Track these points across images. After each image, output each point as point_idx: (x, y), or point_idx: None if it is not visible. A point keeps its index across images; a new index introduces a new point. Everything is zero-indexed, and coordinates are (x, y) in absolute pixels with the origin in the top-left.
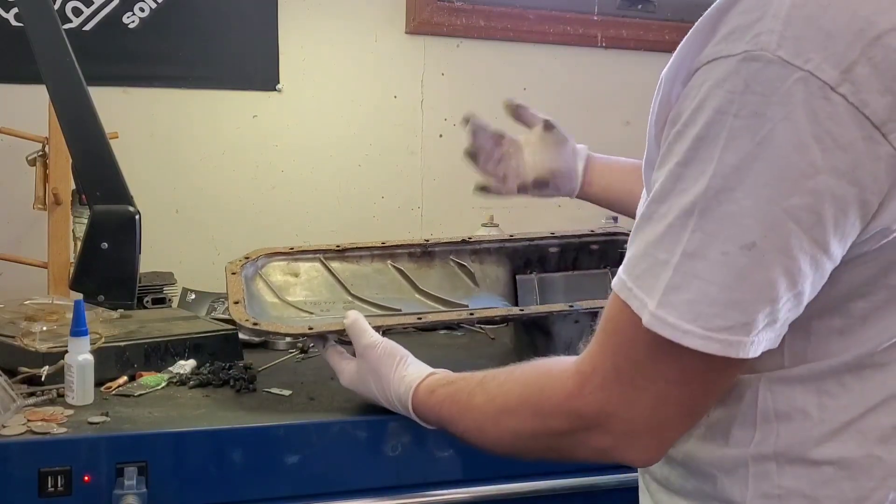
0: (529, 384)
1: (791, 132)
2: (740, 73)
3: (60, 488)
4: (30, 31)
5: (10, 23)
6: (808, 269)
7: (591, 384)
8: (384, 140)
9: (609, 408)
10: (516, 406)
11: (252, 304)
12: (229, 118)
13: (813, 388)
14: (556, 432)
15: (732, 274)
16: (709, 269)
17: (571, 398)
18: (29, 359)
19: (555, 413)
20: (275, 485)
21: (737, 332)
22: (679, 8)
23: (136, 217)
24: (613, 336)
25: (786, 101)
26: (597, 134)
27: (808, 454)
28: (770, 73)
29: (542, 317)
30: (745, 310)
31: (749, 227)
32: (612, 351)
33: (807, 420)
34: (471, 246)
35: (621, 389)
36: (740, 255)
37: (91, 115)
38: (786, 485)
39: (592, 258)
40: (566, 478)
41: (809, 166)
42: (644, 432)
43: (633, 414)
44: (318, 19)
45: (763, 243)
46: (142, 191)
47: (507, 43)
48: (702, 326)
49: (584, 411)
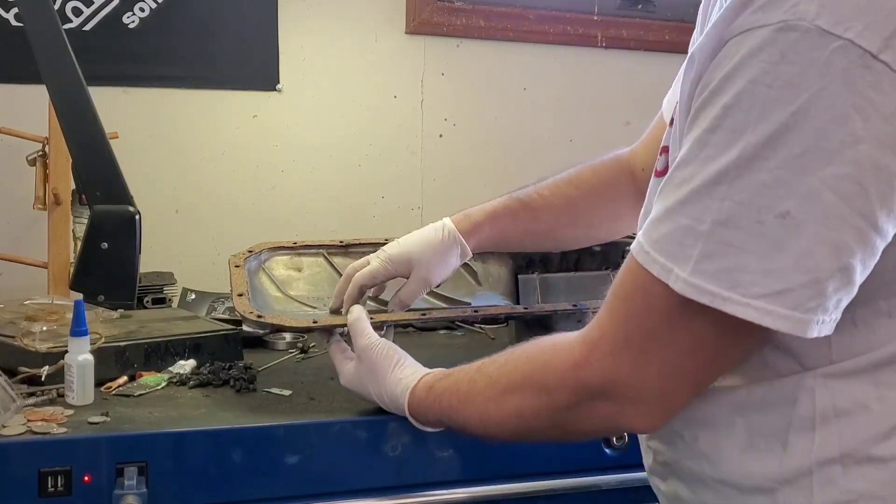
0: (532, 359)
1: (829, 102)
2: (776, 43)
3: (60, 488)
4: (30, 31)
5: (10, 23)
6: (853, 244)
7: (600, 351)
8: (384, 140)
9: (616, 375)
10: (520, 383)
11: (255, 298)
12: (229, 118)
13: (870, 381)
14: (562, 405)
15: (768, 243)
16: (743, 237)
17: (578, 367)
18: (29, 359)
19: (560, 386)
20: (275, 485)
21: (776, 303)
22: (679, 8)
23: (136, 217)
24: (626, 302)
25: (824, 72)
26: (597, 134)
27: (875, 451)
28: (808, 42)
29: (546, 315)
30: (783, 278)
31: (783, 196)
32: (623, 317)
33: (868, 414)
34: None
35: (631, 356)
36: (775, 224)
37: (91, 115)
38: (855, 488)
39: (594, 260)
40: (566, 478)
41: (850, 136)
42: (651, 399)
43: (641, 381)
44: (318, 19)
45: (798, 212)
46: (142, 191)
47: (507, 43)
48: (741, 294)
49: (590, 379)
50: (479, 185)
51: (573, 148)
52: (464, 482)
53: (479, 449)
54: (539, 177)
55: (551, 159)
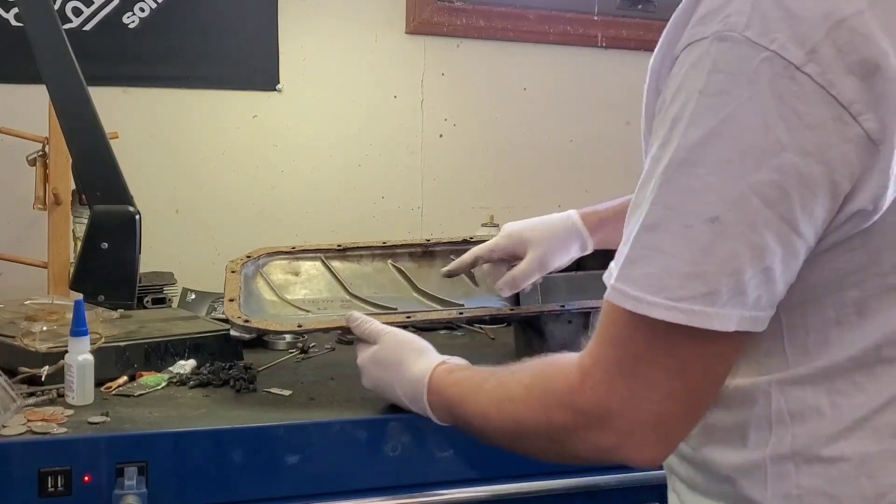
0: (537, 374)
1: (756, 110)
2: (710, 52)
3: (60, 488)
4: (30, 31)
5: (10, 23)
6: (775, 246)
7: (593, 378)
8: (384, 140)
9: (610, 403)
10: (523, 395)
11: (250, 302)
12: (229, 118)
13: (824, 389)
14: (559, 426)
15: (696, 247)
16: (670, 241)
17: (574, 392)
18: (29, 359)
19: (558, 406)
20: (275, 485)
21: (700, 303)
22: None
23: (136, 217)
24: (610, 328)
25: (752, 81)
26: (597, 134)
27: (824, 452)
28: (738, 52)
29: (535, 317)
30: (709, 281)
31: (713, 202)
32: (610, 343)
33: (820, 419)
34: (471, 245)
35: (624, 382)
36: (704, 228)
37: (91, 115)
38: (805, 484)
39: (596, 259)
40: (566, 478)
41: (775, 143)
42: (647, 430)
43: (635, 409)
44: (318, 19)
45: (727, 217)
46: (142, 191)
47: (507, 43)
48: (667, 297)
49: (585, 407)
50: (479, 185)
51: (573, 148)
52: (464, 482)
53: (479, 449)
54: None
55: (551, 159)
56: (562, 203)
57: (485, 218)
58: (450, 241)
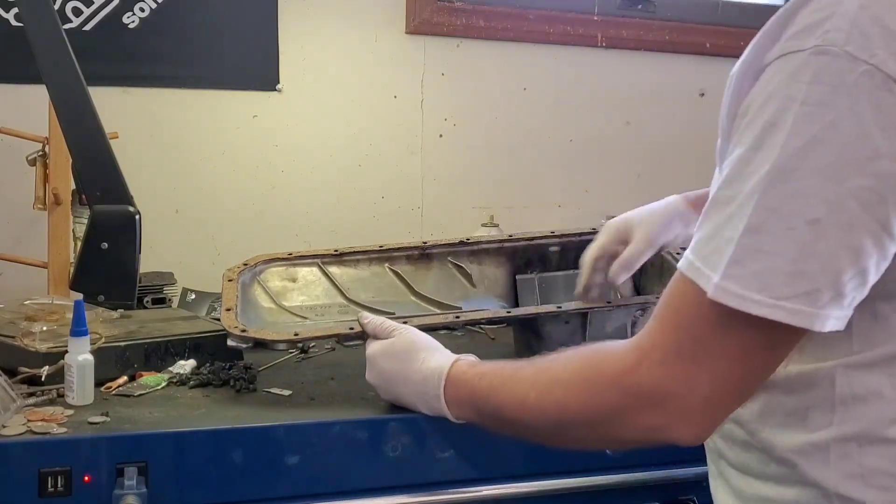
0: (584, 358)
1: (855, 120)
2: (810, 65)
3: (60, 488)
4: (30, 31)
5: (10, 23)
6: (871, 248)
7: (650, 360)
8: (384, 140)
9: (667, 384)
10: (569, 378)
11: (247, 310)
12: (229, 118)
13: (886, 374)
14: (607, 408)
15: (798, 247)
16: (774, 242)
17: (628, 373)
18: (29, 359)
19: (610, 387)
20: (275, 485)
21: (803, 302)
22: (679, 8)
23: (136, 217)
24: (676, 314)
25: (852, 92)
26: (597, 134)
27: (886, 433)
28: (838, 65)
29: (531, 318)
30: (811, 280)
31: (814, 205)
32: (674, 327)
33: (882, 401)
34: (469, 247)
35: (682, 366)
36: (806, 230)
37: (91, 115)
38: (868, 463)
39: None
40: (566, 478)
41: (873, 151)
42: (698, 411)
43: (691, 391)
44: (318, 19)
45: (827, 219)
46: (142, 191)
47: (507, 43)
48: (769, 295)
49: (641, 387)
50: (479, 185)
51: (573, 148)
52: (464, 482)
53: (479, 449)
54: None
55: (551, 159)
56: (562, 203)
57: (485, 218)
58: (447, 242)
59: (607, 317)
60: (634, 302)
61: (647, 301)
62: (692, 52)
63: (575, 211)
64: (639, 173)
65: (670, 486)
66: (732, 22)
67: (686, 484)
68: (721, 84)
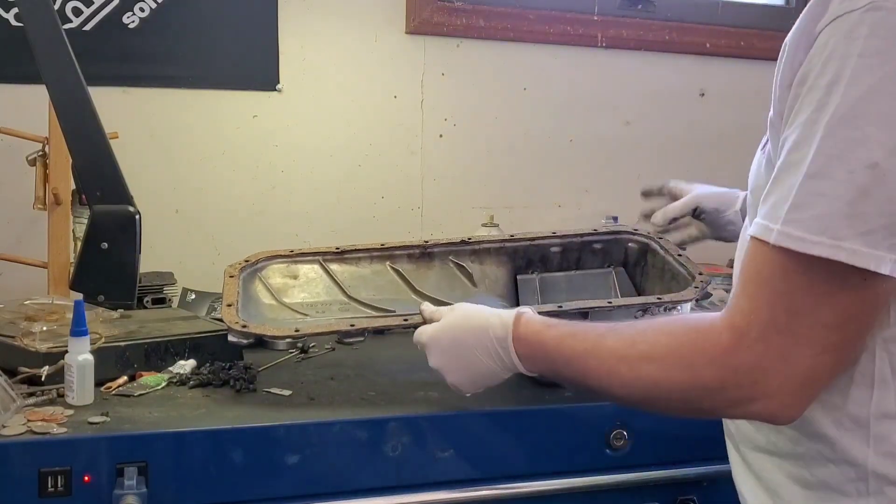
0: (678, 336)
1: None
2: (865, 21)
3: (60, 488)
4: (30, 31)
5: (10, 23)
6: None
7: (749, 338)
8: (384, 140)
9: (767, 362)
10: (663, 355)
11: (248, 307)
12: (229, 118)
13: None
14: (706, 386)
15: (858, 190)
16: (834, 186)
17: (728, 354)
18: (29, 359)
19: (708, 366)
20: (275, 485)
21: (861, 243)
22: (679, 8)
23: (136, 217)
24: (765, 287)
25: None
26: (597, 134)
27: None
28: (893, 19)
29: None
30: (869, 222)
31: (873, 150)
32: (766, 302)
33: None
34: (470, 246)
35: (781, 341)
36: (865, 173)
37: (91, 115)
38: None
39: (595, 257)
40: (566, 478)
41: None
42: (797, 386)
43: (791, 366)
44: (318, 19)
45: (886, 163)
46: (142, 191)
47: (507, 43)
48: (830, 237)
49: (741, 366)
50: (479, 185)
51: (573, 148)
52: (464, 482)
53: (479, 449)
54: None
55: (551, 159)
56: (562, 203)
57: (485, 218)
58: (448, 241)
59: (608, 316)
60: (635, 302)
61: (646, 302)
62: (692, 52)
63: (575, 211)
64: (639, 173)
65: (670, 486)
66: (732, 22)
67: (686, 484)
68: (721, 84)
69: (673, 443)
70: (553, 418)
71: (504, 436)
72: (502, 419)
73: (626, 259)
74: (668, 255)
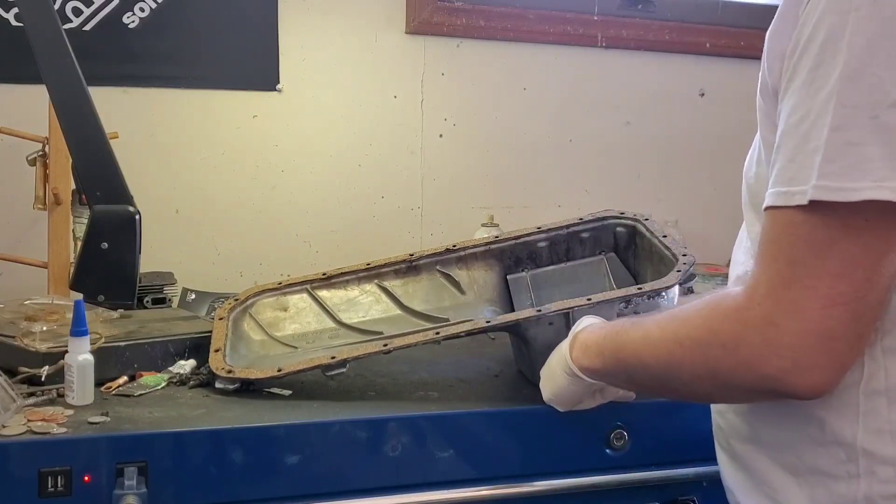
0: (706, 300)
1: None
2: None
3: (60, 488)
4: (30, 31)
5: (10, 23)
6: None
7: (758, 293)
8: (384, 140)
9: (775, 315)
10: (687, 314)
11: (238, 347)
12: (229, 118)
13: None
14: (722, 343)
15: (887, 131)
16: (862, 133)
17: (740, 309)
18: (29, 359)
19: (724, 322)
20: (275, 485)
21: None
22: (679, 8)
23: (136, 217)
24: (771, 245)
25: None
26: (597, 134)
27: None
28: None
29: (513, 324)
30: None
31: (889, 90)
32: (772, 258)
33: None
34: (455, 253)
35: (788, 294)
36: (890, 113)
37: (91, 115)
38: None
39: (585, 247)
40: (566, 478)
41: None
42: (813, 344)
43: (801, 319)
44: (318, 19)
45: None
46: (142, 191)
47: (507, 43)
48: (871, 179)
49: (752, 320)
50: (479, 185)
51: (573, 148)
52: (464, 482)
53: (479, 449)
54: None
55: (551, 159)
56: (562, 203)
57: (485, 218)
58: (433, 252)
59: (591, 313)
60: (616, 296)
61: (627, 294)
62: (692, 52)
63: (575, 211)
64: (639, 173)
65: (670, 486)
66: (732, 22)
67: (686, 484)
68: (721, 84)
69: (673, 443)
70: (553, 418)
71: (504, 436)
72: (502, 419)
73: (617, 244)
74: (653, 238)
